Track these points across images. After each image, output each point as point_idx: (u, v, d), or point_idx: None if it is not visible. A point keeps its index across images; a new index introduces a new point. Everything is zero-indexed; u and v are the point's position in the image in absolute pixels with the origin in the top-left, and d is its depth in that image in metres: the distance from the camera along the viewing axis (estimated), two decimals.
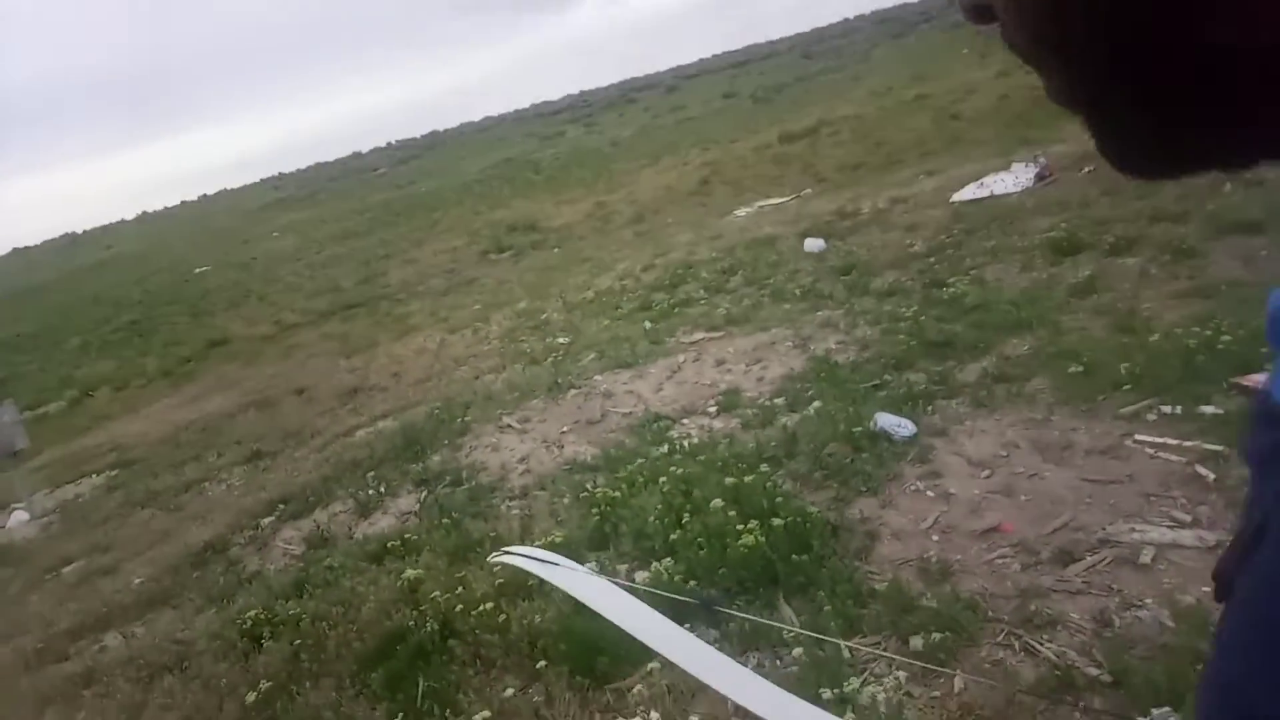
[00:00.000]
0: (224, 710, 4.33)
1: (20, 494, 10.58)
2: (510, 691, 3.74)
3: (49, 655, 5.90)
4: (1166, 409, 4.83)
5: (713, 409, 6.73)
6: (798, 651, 3.49)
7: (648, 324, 10.18)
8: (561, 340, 10.85)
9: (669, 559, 4.08)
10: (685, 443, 6.02)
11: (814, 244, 11.49)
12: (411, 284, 20.42)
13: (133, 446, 12.71)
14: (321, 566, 5.65)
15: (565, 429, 7.15)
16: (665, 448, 6.00)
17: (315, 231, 35.49)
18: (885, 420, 5.14)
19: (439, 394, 9.75)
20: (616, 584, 3.37)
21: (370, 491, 6.89)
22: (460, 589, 4.61)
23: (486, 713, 3.64)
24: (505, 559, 3.59)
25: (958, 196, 12.10)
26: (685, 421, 6.63)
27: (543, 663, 3.78)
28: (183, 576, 6.54)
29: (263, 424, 11.52)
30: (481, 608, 4.28)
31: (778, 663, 3.52)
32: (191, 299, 26.93)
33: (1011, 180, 11.95)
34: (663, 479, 5.08)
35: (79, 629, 6.20)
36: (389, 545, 5.59)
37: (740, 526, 4.11)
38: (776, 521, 4.04)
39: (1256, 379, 4.54)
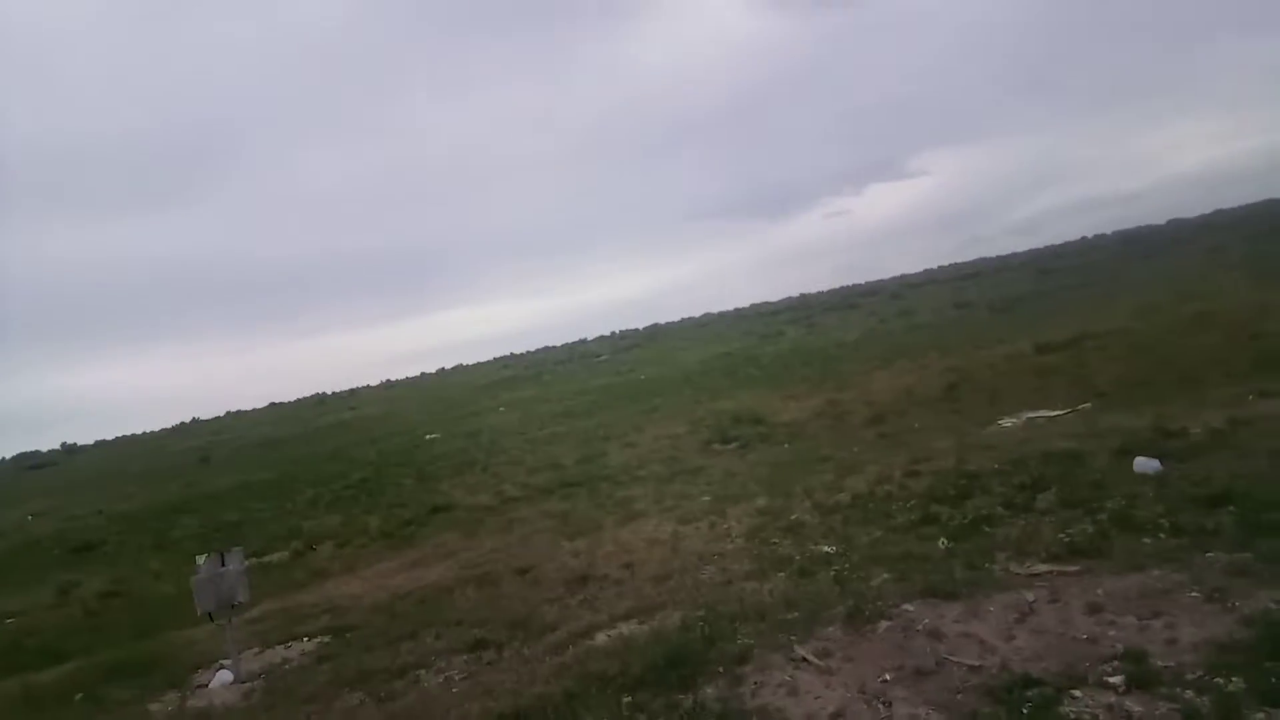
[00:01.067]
0: None
1: (230, 650, 9.65)
2: None
3: None
4: None
5: (1114, 679, 4.65)
6: None
7: (944, 542, 8.21)
8: (827, 549, 9.01)
9: None
10: None
11: (1147, 464, 9.25)
12: (632, 468, 19.29)
13: (347, 610, 11.73)
14: None
15: (886, 676, 5.24)
16: None
17: (539, 409, 35.80)
18: None
19: (688, 597, 8.09)
20: None
21: None
22: None
23: None
24: None
25: None
26: (1077, 694, 4.58)
27: None
28: None
29: (484, 604, 10.19)
30: None
31: None
32: (420, 463, 27.10)
33: None
34: None
35: None
36: None
37: None
38: None
39: None
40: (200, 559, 9.61)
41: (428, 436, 33.27)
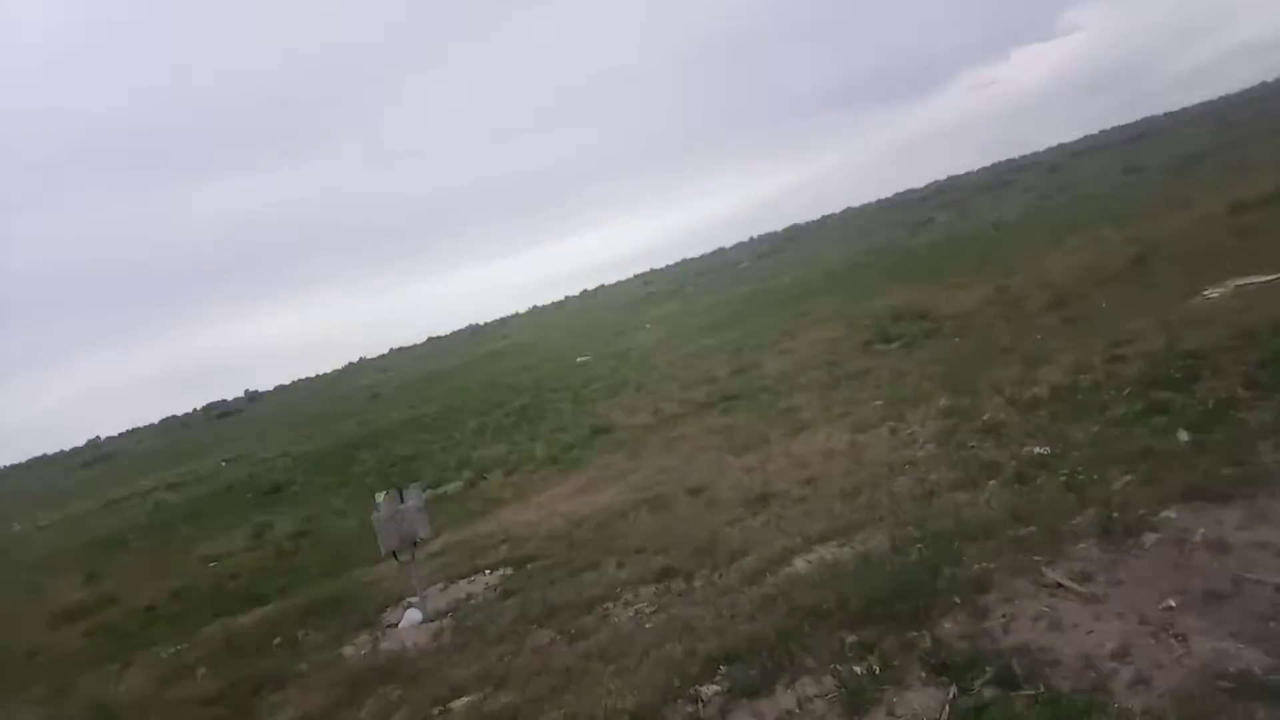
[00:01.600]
0: None
1: (415, 587, 9.63)
2: None
3: None
4: None
5: None
6: None
7: (1185, 433, 7.05)
8: (1039, 450, 7.99)
9: None
10: None
11: None
12: (790, 375, 18.44)
13: (525, 539, 11.60)
14: None
15: (1170, 602, 4.33)
16: None
17: (685, 323, 35.21)
18: None
19: (889, 514, 7.31)
20: None
21: (857, 669, 4.54)
22: None
23: None
24: None
25: None
26: None
27: None
28: None
29: (661, 528, 9.76)
30: None
31: None
32: (575, 386, 27.10)
33: None
34: None
35: None
36: None
37: None
38: None
39: None
40: (379, 498, 9.51)
41: (579, 360, 33.33)
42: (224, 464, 34.89)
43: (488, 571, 10.44)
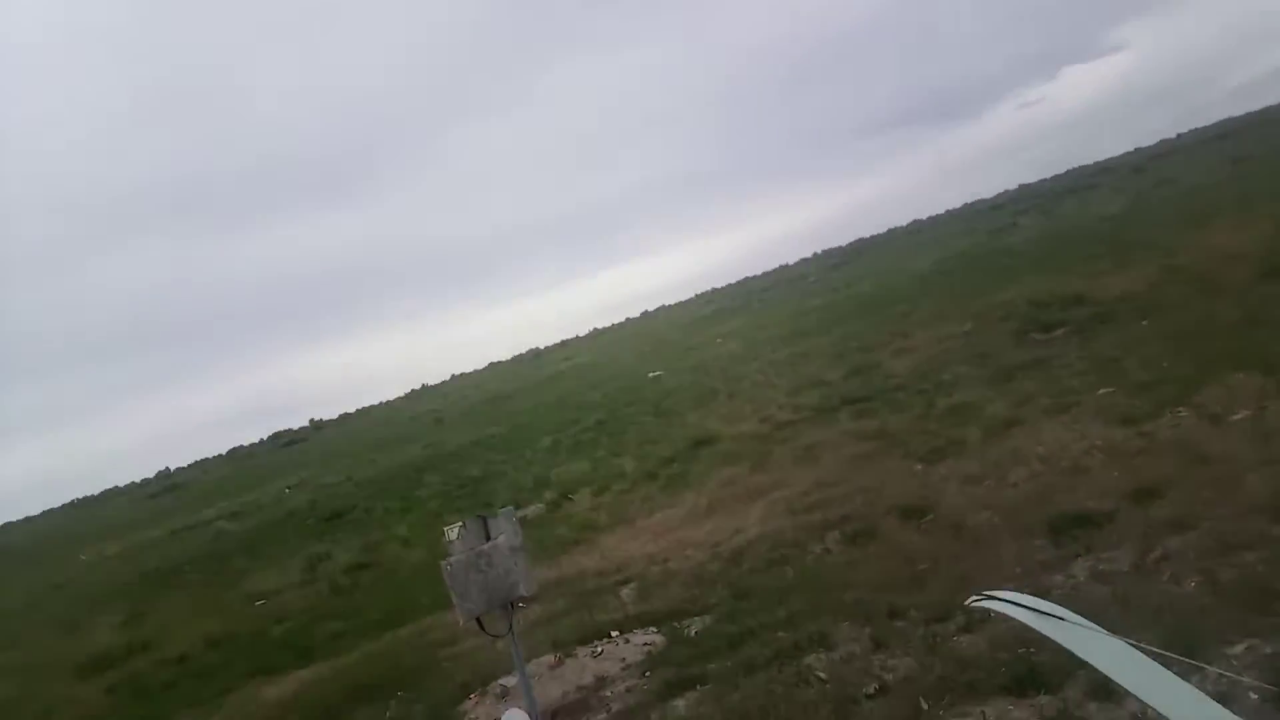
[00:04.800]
0: None
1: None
2: None
3: None
4: None
5: None
6: None
7: None
8: None
9: None
10: None
11: None
12: (929, 373, 14.29)
13: (657, 582, 7.68)
14: None
15: None
16: None
17: (759, 335, 31.19)
18: None
19: None
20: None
21: None
22: None
23: None
24: (987, 604, 1.77)
25: None
26: None
27: None
28: None
29: (898, 572, 5.81)
30: None
31: None
32: (653, 400, 23.15)
33: None
34: None
35: None
36: None
37: None
38: None
39: None
40: (451, 532, 5.25)
41: (650, 375, 29.40)
42: (287, 490, 31.44)
43: (617, 635, 6.44)
